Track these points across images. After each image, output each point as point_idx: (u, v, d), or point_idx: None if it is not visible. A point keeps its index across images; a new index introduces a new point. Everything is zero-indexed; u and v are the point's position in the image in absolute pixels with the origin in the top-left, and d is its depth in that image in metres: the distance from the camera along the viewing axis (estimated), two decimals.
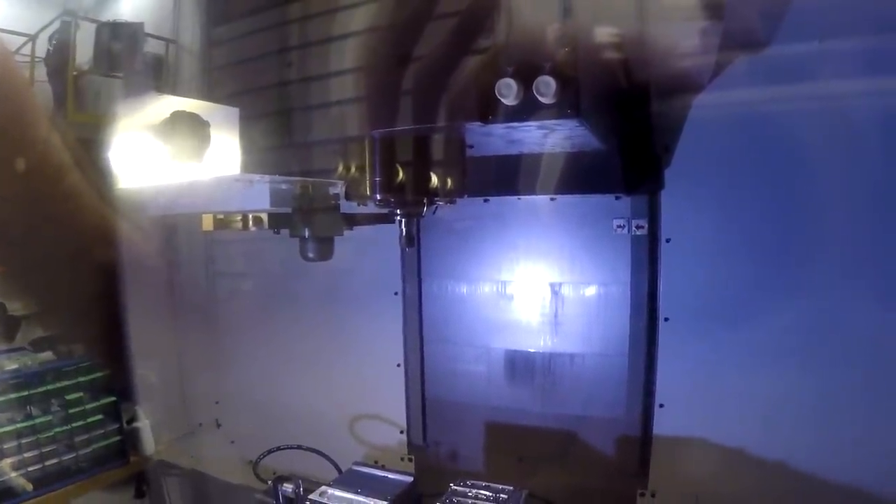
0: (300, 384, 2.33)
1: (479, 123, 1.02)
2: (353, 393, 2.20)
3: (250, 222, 1.78)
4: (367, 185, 1.20)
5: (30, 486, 1.94)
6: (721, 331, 1.65)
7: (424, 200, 1.27)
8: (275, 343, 2.34)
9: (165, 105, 1.17)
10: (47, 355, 2.11)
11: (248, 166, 1.14)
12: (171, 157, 1.16)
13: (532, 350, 1.89)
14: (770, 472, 1.63)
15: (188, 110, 1.16)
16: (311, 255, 1.30)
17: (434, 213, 1.33)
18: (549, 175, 1.59)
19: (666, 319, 1.71)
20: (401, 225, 1.30)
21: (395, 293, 2.08)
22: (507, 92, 0.97)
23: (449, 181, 1.27)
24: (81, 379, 2.08)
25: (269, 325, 2.33)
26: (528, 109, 0.99)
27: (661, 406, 1.73)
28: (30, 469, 1.96)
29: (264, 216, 1.43)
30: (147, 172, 1.24)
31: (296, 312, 2.25)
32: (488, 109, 1.01)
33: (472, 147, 1.31)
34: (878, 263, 1.48)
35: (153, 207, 1.40)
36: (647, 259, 1.73)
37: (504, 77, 0.97)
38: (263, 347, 2.38)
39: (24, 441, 1.95)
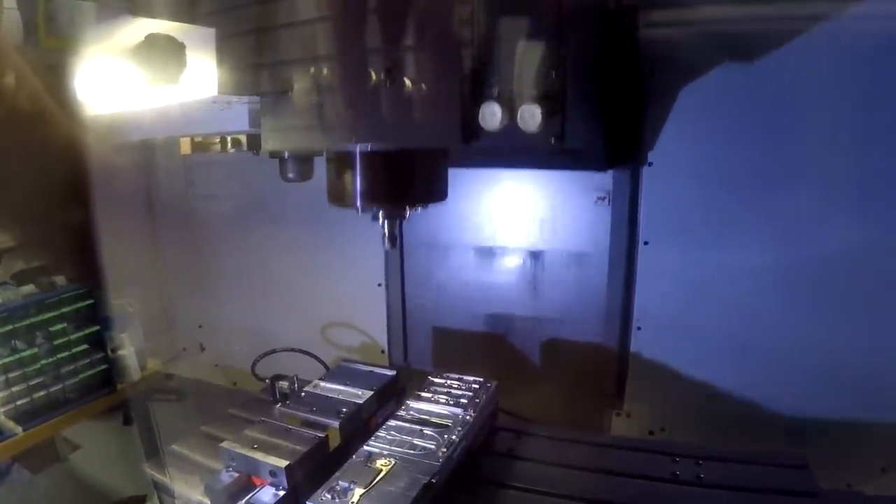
0: (282, 305, 2.41)
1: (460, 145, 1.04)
2: (335, 312, 2.28)
3: (229, 144, 1.82)
4: (350, 194, 1.23)
5: (19, 430, 2.01)
6: (700, 255, 1.72)
7: (407, 206, 1.28)
8: (256, 265, 2.40)
9: (140, 28, 1.19)
10: (30, 288, 2.14)
11: (225, 87, 1.16)
12: (146, 81, 1.19)
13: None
14: (742, 398, 1.72)
15: (163, 32, 1.18)
16: (291, 175, 1.34)
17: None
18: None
19: (646, 243, 1.76)
20: (384, 226, 1.31)
21: None
22: (491, 120, 1.00)
23: (432, 186, 1.28)
24: (65, 310, 2.13)
25: (250, 248, 2.38)
26: (511, 136, 1.01)
27: (639, 328, 1.81)
28: (18, 403, 2.02)
29: (243, 137, 1.46)
30: (123, 97, 1.27)
31: (277, 234, 2.30)
32: (470, 133, 1.03)
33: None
34: (861, 188, 1.53)
35: (130, 133, 1.43)
36: (628, 182, 1.78)
37: (488, 101, 1.00)
38: (245, 270, 2.44)
39: (11, 375, 2.00)
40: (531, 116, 0.98)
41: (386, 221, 1.30)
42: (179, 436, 1.61)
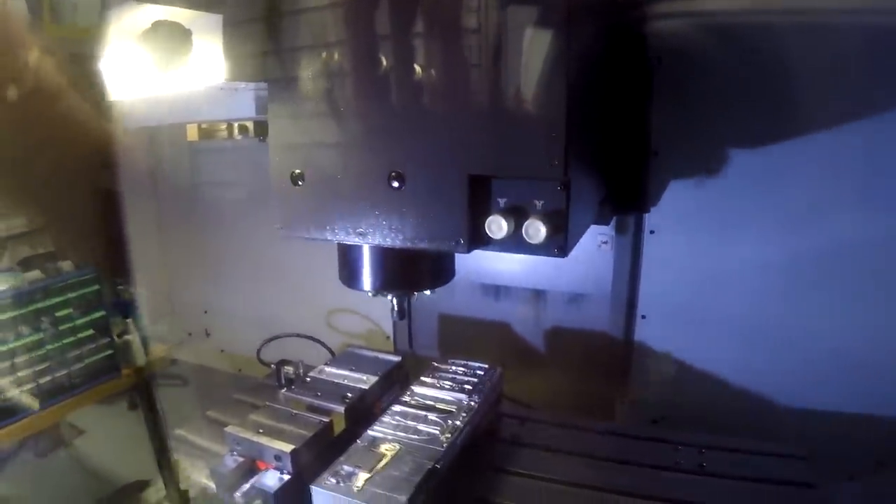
0: (288, 291, 2.42)
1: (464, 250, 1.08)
2: (341, 299, 2.29)
3: (235, 131, 1.81)
4: (361, 280, 1.29)
5: (36, 404, 2.03)
6: (705, 245, 1.72)
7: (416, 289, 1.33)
8: (262, 251, 2.40)
9: (146, 14, 1.20)
10: (35, 274, 2.16)
11: (232, 74, 1.17)
12: (153, 67, 1.21)
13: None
14: (746, 388, 1.73)
15: (169, 19, 1.19)
16: None
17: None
18: None
19: (651, 232, 1.77)
20: (392, 301, 1.37)
21: None
22: (498, 232, 1.03)
23: (438, 274, 1.33)
24: (71, 295, 2.15)
25: (256, 234, 2.38)
26: (515, 244, 1.05)
27: (644, 317, 1.82)
28: (24, 388, 2.04)
29: (249, 124, 1.47)
30: (130, 84, 1.28)
31: None
32: (476, 241, 1.07)
33: None
34: (866, 180, 1.52)
35: (140, 119, 1.44)
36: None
37: (495, 214, 1.03)
38: (251, 256, 2.45)
39: (17, 360, 2.02)
40: (536, 232, 1.01)
41: (395, 299, 1.36)
42: (184, 421, 1.63)
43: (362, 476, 1.15)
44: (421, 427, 1.33)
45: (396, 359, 1.64)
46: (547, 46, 0.97)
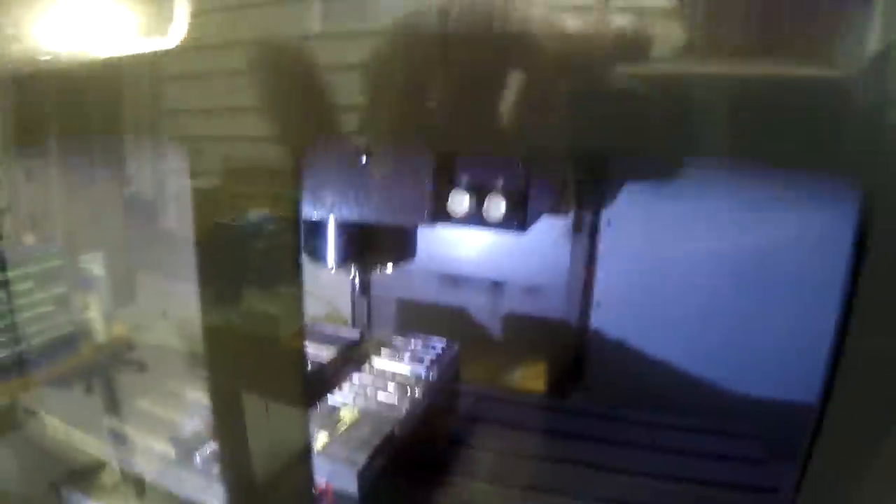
0: None
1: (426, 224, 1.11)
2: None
3: None
4: (324, 255, 1.30)
5: None
6: (660, 236, 1.78)
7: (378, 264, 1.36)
8: None
9: None
10: None
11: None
12: (135, 31, 1.22)
13: None
14: (700, 377, 1.79)
15: None
16: None
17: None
18: None
19: (608, 223, 1.82)
20: (354, 278, 1.38)
21: None
22: (459, 207, 1.07)
23: (400, 251, 1.36)
24: (31, 269, 2.12)
25: None
26: (475, 220, 1.07)
27: (598, 305, 1.88)
28: None
29: None
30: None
31: None
32: (438, 216, 1.10)
33: None
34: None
35: None
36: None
37: (457, 190, 1.07)
38: None
39: None
40: (496, 209, 1.05)
41: (357, 275, 1.37)
42: (142, 396, 1.62)
43: (324, 436, 1.18)
44: (380, 396, 1.36)
45: (356, 334, 1.66)
46: None
